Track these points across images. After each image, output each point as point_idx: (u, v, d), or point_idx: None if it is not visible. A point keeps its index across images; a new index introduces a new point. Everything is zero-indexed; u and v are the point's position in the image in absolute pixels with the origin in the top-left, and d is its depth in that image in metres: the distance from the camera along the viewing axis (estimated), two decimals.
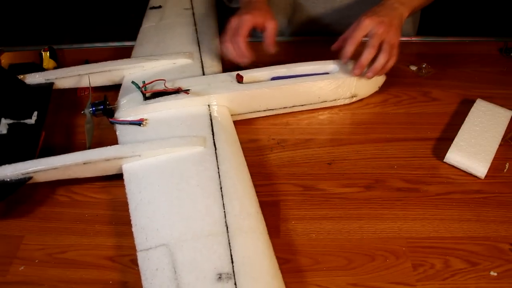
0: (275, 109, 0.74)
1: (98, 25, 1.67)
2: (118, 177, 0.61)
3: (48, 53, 0.85)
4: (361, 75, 0.72)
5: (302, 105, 0.75)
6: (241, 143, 0.67)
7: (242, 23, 0.71)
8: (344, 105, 0.77)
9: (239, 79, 0.70)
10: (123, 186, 0.58)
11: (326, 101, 0.75)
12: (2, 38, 1.49)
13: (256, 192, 0.58)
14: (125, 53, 0.82)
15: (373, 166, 0.67)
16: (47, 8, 1.72)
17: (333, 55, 0.76)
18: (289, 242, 0.57)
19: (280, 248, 0.56)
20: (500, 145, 0.68)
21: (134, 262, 0.54)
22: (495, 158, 0.66)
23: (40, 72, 0.75)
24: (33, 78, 0.74)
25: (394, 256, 0.55)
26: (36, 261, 0.56)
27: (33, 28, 1.67)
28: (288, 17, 0.99)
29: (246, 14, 0.72)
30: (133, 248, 0.52)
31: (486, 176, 0.64)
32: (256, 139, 0.72)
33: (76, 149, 0.60)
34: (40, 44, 0.89)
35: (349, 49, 0.70)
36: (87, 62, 0.86)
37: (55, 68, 0.83)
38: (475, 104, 0.74)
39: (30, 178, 0.58)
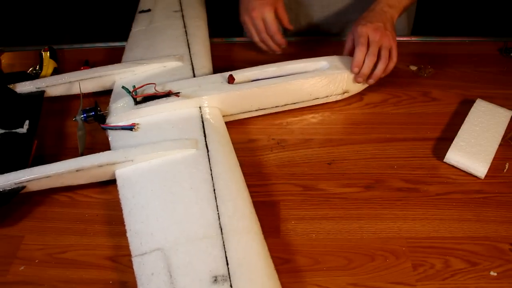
0: (267, 108, 0.74)
1: (98, 25, 1.67)
2: (114, 181, 0.61)
3: (48, 53, 0.85)
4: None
5: (294, 103, 0.74)
6: (241, 143, 0.67)
7: (268, 20, 0.78)
8: (344, 105, 0.77)
9: (231, 81, 0.70)
10: None
11: (318, 98, 0.75)
12: (2, 38, 1.49)
13: (256, 192, 0.58)
14: None
15: (373, 166, 0.67)
16: (47, 8, 1.72)
17: (331, 55, 0.76)
18: (289, 242, 0.57)
19: (280, 248, 0.56)
20: (500, 145, 0.68)
21: None
22: (495, 158, 0.66)
23: (30, 81, 0.75)
24: (24, 87, 0.74)
25: (394, 256, 0.55)
26: (36, 261, 0.56)
27: (33, 28, 1.67)
28: None
29: (264, 6, 0.78)
30: None
31: (486, 176, 0.64)
32: (256, 139, 0.72)
33: (68, 155, 0.60)
34: (40, 44, 0.89)
35: (361, 56, 0.71)
36: (87, 62, 0.86)
37: (55, 68, 0.83)
38: (475, 104, 0.74)
39: (24, 187, 0.58)
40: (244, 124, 0.73)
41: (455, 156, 0.66)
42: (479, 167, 0.64)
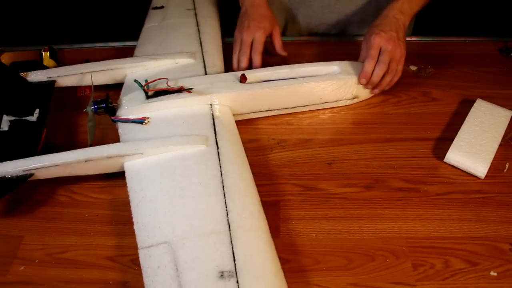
0: (277, 109, 0.74)
1: (98, 25, 1.67)
2: (118, 177, 0.61)
3: (48, 53, 0.85)
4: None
5: (304, 106, 0.75)
6: None
7: (257, 40, 0.77)
8: (344, 105, 0.77)
9: (243, 80, 0.70)
10: (123, 186, 0.58)
11: (327, 102, 0.75)
12: (2, 38, 1.49)
13: None
14: (126, 53, 0.82)
15: (373, 166, 0.67)
16: (47, 8, 1.72)
17: (332, 56, 0.77)
18: (290, 242, 0.57)
19: (281, 248, 0.56)
20: (500, 145, 0.68)
21: (134, 262, 0.54)
22: (495, 158, 0.66)
23: (42, 70, 0.75)
24: (35, 76, 0.74)
25: (394, 256, 0.56)
26: (36, 261, 0.56)
27: (33, 28, 1.67)
28: (285, 17, 0.99)
29: (258, 29, 0.78)
30: (133, 248, 0.52)
31: (486, 176, 0.64)
32: (257, 139, 0.72)
33: (78, 148, 0.60)
34: (40, 44, 0.89)
35: (370, 68, 0.72)
36: (87, 62, 0.86)
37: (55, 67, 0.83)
38: (475, 104, 0.74)
39: (32, 175, 0.58)
40: (244, 124, 0.73)
41: (455, 156, 0.66)
42: (479, 167, 0.64)
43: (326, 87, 0.72)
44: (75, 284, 0.53)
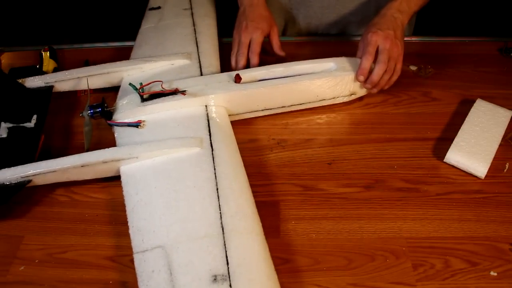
0: (273, 108, 0.74)
1: (98, 25, 1.67)
2: (118, 177, 0.61)
3: (48, 53, 0.85)
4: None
5: (300, 104, 0.74)
6: (241, 143, 0.67)
7: (255, 40, 0.77)
8: (344, 105, 0.77)
9: (238, 80, 0.70)
10: None
11: (324, 100, 0.75)
12: (2, 38, 1.49)
13: (256, 192, 0.58)
14: (125, 53, 0.82)
15: (373, 166, 0.67)
16: (47, 8, 1.72)
17: (332, 55, 0.77)
18: (289, 242, 0.57)
19: (280, 248, 0.56)
20: (500, 145, 0.68)
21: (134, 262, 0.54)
22: (495, 158, 0.66)
23: (39, 76, 0.75)
24: (33, 82, 0.74)
25: (394, 256, 0.56)
26: (36, 261, 0.56)
27: (33, 28, 1.67)
28: (285, 18, 1.00)
29: (256, 29, 0.78)
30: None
31: (486, 176, 0.64)
32: (256, 139, 0.72)
33: (74, 150, 0.61)
34: (40, 44, 0.89)
35: (367, 64, 0.71)
36: (87, 62, 0.86)
37: (55, 68, 0.83)
38: (475, 104, 0.74)
39: (30, 181, 0.58)
40: (244, 124, 0.73)
41: (455, 156, 0.66)
42: (479, 167, 0.64)
43: (323, 84, 0.72)
44: (75, 284, 0.53)
